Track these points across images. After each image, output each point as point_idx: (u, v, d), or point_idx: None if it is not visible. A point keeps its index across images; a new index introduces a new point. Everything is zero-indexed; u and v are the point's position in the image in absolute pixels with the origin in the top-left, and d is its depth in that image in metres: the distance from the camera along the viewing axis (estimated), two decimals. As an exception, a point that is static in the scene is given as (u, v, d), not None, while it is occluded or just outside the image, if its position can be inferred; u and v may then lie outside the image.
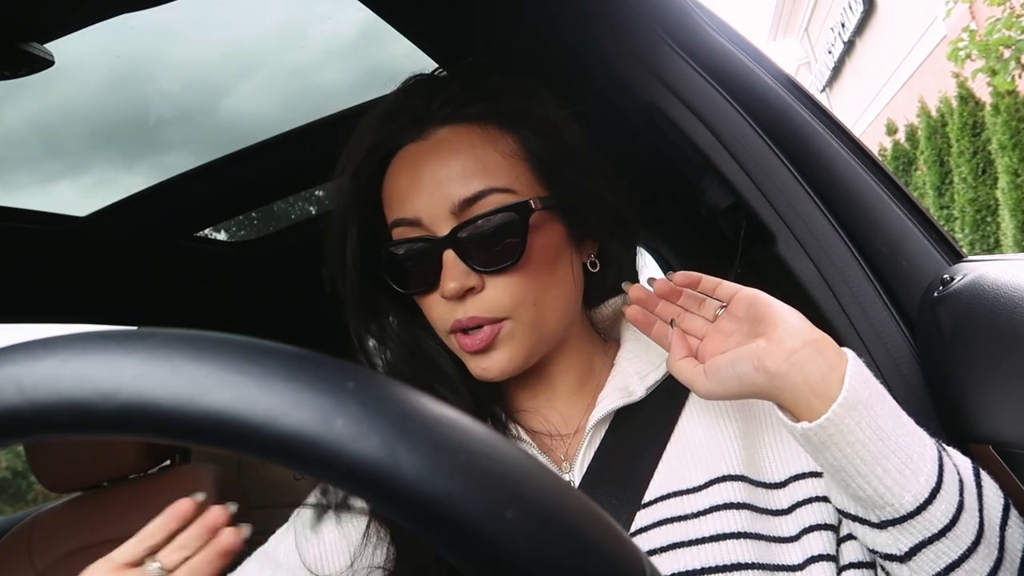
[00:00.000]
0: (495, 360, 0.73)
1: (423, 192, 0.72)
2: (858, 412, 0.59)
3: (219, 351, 0.25)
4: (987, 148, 8.00)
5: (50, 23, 1.03)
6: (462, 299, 0.71)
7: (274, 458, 0.24)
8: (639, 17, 1.00)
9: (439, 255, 0.71)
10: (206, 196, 1.71)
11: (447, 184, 0.71)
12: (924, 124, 9.20)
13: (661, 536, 0.69)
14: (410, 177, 0.73)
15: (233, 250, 2.07)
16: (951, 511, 0.59)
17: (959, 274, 0.85)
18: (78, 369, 0.25)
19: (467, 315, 0.71)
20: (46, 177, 2.09)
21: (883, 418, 0.60)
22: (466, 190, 0.71)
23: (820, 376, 0.60)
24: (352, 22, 1.56)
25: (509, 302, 0.72)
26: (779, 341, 0.61)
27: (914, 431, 0.61)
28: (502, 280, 0.72)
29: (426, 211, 0.72)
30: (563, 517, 0.24)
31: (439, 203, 0.71)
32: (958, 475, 0.62)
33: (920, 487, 0.59)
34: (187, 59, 1.78)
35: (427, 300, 0.75)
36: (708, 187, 1.07)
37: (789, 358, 0.60)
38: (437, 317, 0.74)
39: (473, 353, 0.73)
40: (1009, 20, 6.47)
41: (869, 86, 14.17)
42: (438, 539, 0.23)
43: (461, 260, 0.71)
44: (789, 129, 0.97)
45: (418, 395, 0.25)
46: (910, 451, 0.59)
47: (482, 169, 0.71)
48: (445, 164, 0.72)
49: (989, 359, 0.78)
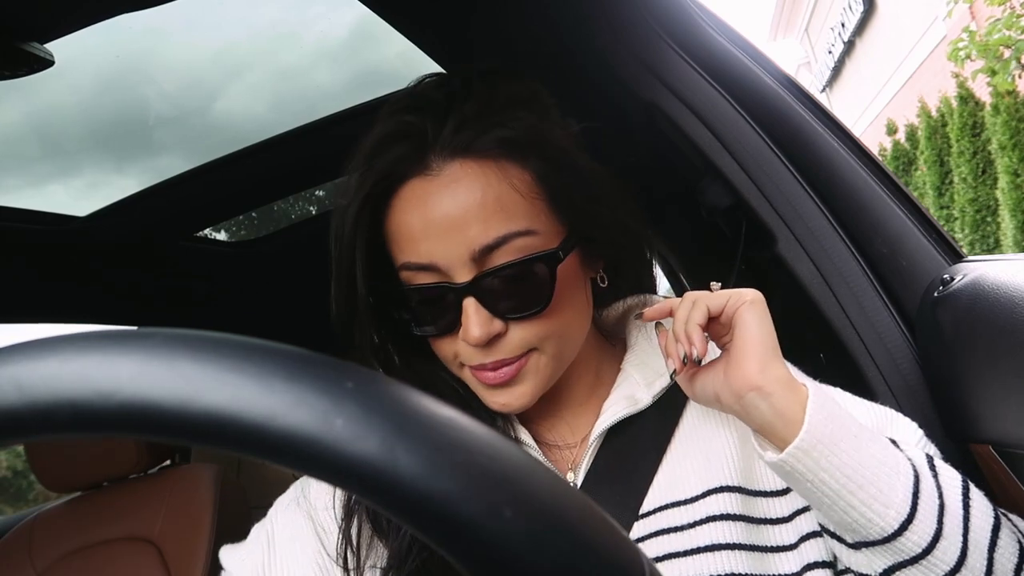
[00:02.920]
0: (517, 394, 0.70)
1: (437, 236, 0.66)
2: (818, 451, 0.60)
3: (218, 351, 0.25)
4: (987, 148, 8.01)
5: (49, 23, 1.03)
6: (485, 346, 0.68)
7: (273, 458, 0.24)
8: (639, 17, 1.00)
9: (459, 302, 0.67)
10: (206, 196, 1.71)
11: (464, 229, 0.65)
12: (924, 124, 9.20)
13: (656, 547, 0.69)
14: (421, 217, 0.66)
15: (232, 250, 2.07)
16: (927, 538, 0.60)
17: (959, 274, 0.85)
18: (78, 368, 0.25)
19: (493, 359, 0.69)
20: (38, 179, 2.10)
21: (848, 453, 0.61)
22: (486, 236, 0.65)
23: (776, 413, 0.62)
24: (350, 23, 1.57)
25: (535, 340, 0.70)
26: (741, 374, 0.64)
27: (884, 460, 0.61)
28: (527, 323, 0.69)
29: (442, 257, 0.66)
30: (563, 516, 0.24)
31: (456, 249, 0.66)
32: (939, 500, 0.62)
33: (890, 519, 0.60)
34: (181, 60, 1.78)
35: (443, 341, 0.71)
36: (708, 187, 1.07)
37: (742, 398, 0.63)
38: (452, 356, 0.71)
39: (493, 387, 0.70)
40: (1009, 20, 6.48)
41: (869, 86, 14.16)
42: (437, 539, 0.23)
43: (483, 307, 0.67)
44: (789, 129, 0.97)
45: (417, 395, 0.25)
46: (879, 484, 0.60)
47: (501, 211, 0.66)
48: (461, 206, 0.65)
49: (989, 359, 0.78)
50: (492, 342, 0.68)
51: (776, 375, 0.63)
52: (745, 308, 0.66)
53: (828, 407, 0.62)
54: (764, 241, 0.98)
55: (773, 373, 0.63)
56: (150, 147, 2.02)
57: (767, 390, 0.62)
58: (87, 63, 1.42)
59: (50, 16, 1.02)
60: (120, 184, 1.58)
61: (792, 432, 0.61)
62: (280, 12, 1.66)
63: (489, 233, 0.65)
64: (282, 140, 1.54)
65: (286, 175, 1.71)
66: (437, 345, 0.72)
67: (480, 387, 0.71)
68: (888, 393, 0.88)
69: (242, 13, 1.63)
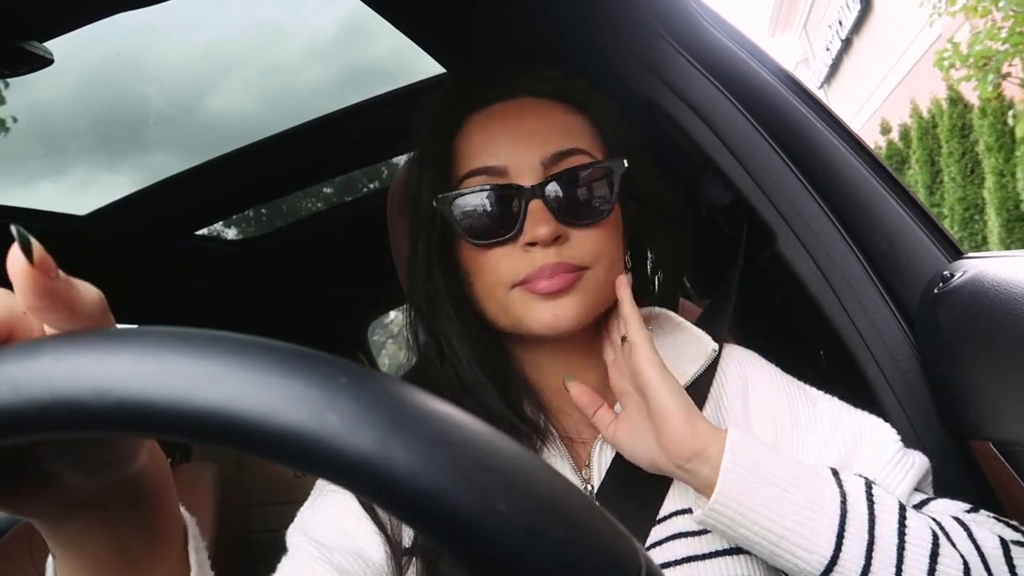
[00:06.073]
0: (569, 304, 0.71)
1: (513, 142, 0.73)
2: (733, 509, 0.63)
3: (210, 348, 0.25)
4: (975, 149, 8.32)
5: (49, 21, 1.03)
6: (549, 246, 0.71)
7: (268, 454, 0.24)
8: (640, 16, 1.00)
9: (525, 204, 0.71)
10: (208, 194, 1.71)
11: (538, 137, 0.73)
12: (916, 125, 9.52)
13: (673, 550, 0.70)
14: (500, 128, 0.75)
15: (235, 248, 2.07)
16: (856, 572, 0.61)
17: (959, 271, 0.85)
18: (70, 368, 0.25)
19: (555, 260, 0.71)
20: (28, 177, 2.10)
21: (766, 505, 0.62)
22: (558, 145, 0.73)
23: (714, 471, 0.64)
24: (351, 23, 1.57)
25: (591, 254, 0.73)
26: (674, 441, 0.66)
27: (807, 505, 0.63)
28: (585, 233, 0.73)
29: (515, 161, 0.73)
30: (559, 510, 0.24)
31: (529, 154, 0.73)
32: (867, 535, 0.62)
33: (814, 563, 0.61)
34: (173, 58, 1.78)
35: (498, 252, 0.73)
36: (708, 185, 1.06)
37: (684, 465, 0.66)
38: (507, 272, 0.72)
39: (547, 296, 0.71)
40: (991, 31, 6.76)
41: (865, 84, 14.16)
42: (433, 532, 0.23)
43: (548, 210, 0.71)
44: (789, 126, 0.97)
45: (410, 389, 0.25)
46: (800, 531, 0.62)
47: (570, 132, 0.75)
48: (536, 120, 0.75)
49: (989, 356, 0.78)
50: (554, 243, 0.71)
51: (705, 430, 0.66)
52: (645, 363, 0.69)
53: (747, 457, 0.64)
54: (764, 239, 0.98)
55: (702, 429, 0.66)
56: (142, 144, 2.03)
57: (707, 453, 0.64)
58: (79, 60, 1.42)
59: (50, 15, 1.02)
60: (113, 181, 1.58)
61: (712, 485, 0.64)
62: (276, 10, 1.66)
63: (560, 143, 0.74)
64: (284, 137, 1.54)
65: (292, 172, 1.71)
66: (493, 261, 0.73)
67: (531, 303, 0.72)
68: (888, 390, 0.88)
69: (237, 11, 1.63)
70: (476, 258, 0.74)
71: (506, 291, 0.73)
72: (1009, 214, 7.69)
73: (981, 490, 0.81)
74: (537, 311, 0.72)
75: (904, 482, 0.71)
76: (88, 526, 0.39)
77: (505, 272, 0.73)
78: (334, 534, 0.69)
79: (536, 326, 0.72)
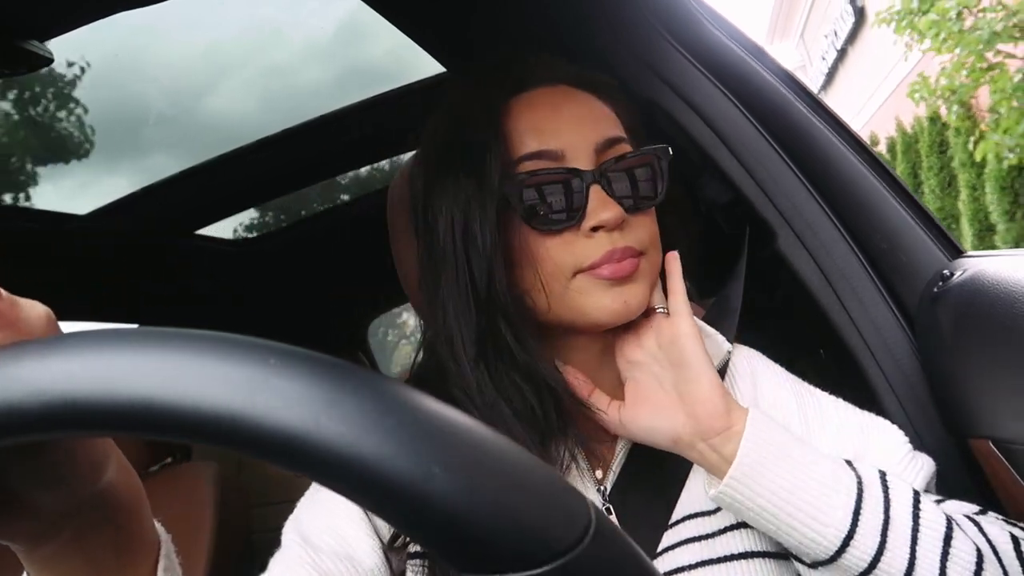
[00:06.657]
0: (637, 289, 0.71)
1: (568, 126, 0.72)
2: (752, 478, 0.62)
3: (140, 343, 0.26)
4: (951, 164, 9.13)
5: (49, 21, 1.03)
6: (613, 230, 0.70)
7: (202, 439, 0.24)
8: (640, 16, 1.00)
9: (587, 188, 0.70)
10: (207, 194, 1.71)
11: (591, 122, 0.73)
12: (900, 140, 10.37)
13: (686, 555, 0.70)
14: (553, 112, 0.74)
15: (235, 248, 2.07)
16: (870, 553, 0.61)
17: (959, 270, 0.85)
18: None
19: (623, 244, 0.70)
20: (28, 177, 2.10)
21: (784, 476, 0.62)
22: (608, 132, 0.74)
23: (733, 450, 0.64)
24: (349, 24, 1.57)
25: (647, 239, 0.73)
26: (707, 412, 0.65)
27: (823, 480, 0.63)
28: (641, 219, 0.73)
29: (571, 145, 0.72)
30: (499, 470, 0.24)
31: (583, 139, 0.72)
32: (883, 514, 0.62)
33: (831, 537, 0.61)
34: (172, 58, 1.78)
35: (559, 239, 0.70)
36: (707, 184, 1.06)
37: (711, 439, 0.65)
38: (570, 258, 0.69)
39: (616, 282, 0.69)
40: (957, 66, 7.25)
41: (856, 97, 14.17)
42: (371, 502, 0.23)
43: (607, 195, 0.70)
44: (788, 125, 0.97)
45: (341, 363, 0.25)
46: (818, 503, 0.62)
47: (612, 121, 0.76)
48: (583, 107, 0.75)
49: (989, 355, 0.78)
50: (616, 228, 0.70)
51: (736, 407, 0.65)
52: (688, 334, 0.68)
53: (764, 430, 0.64)
54: (764, 238, 0.98)
55: (734, 406, 0.66)
56: (141, 144, 2.03)
57: (735, 430, 0.64)
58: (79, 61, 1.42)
59: (50, 15, 1.02)
60: (112, 182, 1.59)
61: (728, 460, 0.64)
62: (275, 11, 1.66)
63: (608, 129, 0.74)
64: (284, 137, 1.54)
65: (292, 171, 1.71)
66: (555, 249, 0.70)
67: (597, 289, 0.70)
68: (888, 389, 0.88)
69: (237, 11, 1.63)
70: (535, 246, 0.70)
71: (567, 279, 0.70)
72: (980, 224, 8.46)
73: (981, 488, 0.81)
74: (606, 297, 0.70)
75: (914, 483, 0.71)
76: (62, 547, 0.40)
77: (568, 258, 0.70)
78: (326, 534, 0.68)
79: (602, 313, 0.70)
